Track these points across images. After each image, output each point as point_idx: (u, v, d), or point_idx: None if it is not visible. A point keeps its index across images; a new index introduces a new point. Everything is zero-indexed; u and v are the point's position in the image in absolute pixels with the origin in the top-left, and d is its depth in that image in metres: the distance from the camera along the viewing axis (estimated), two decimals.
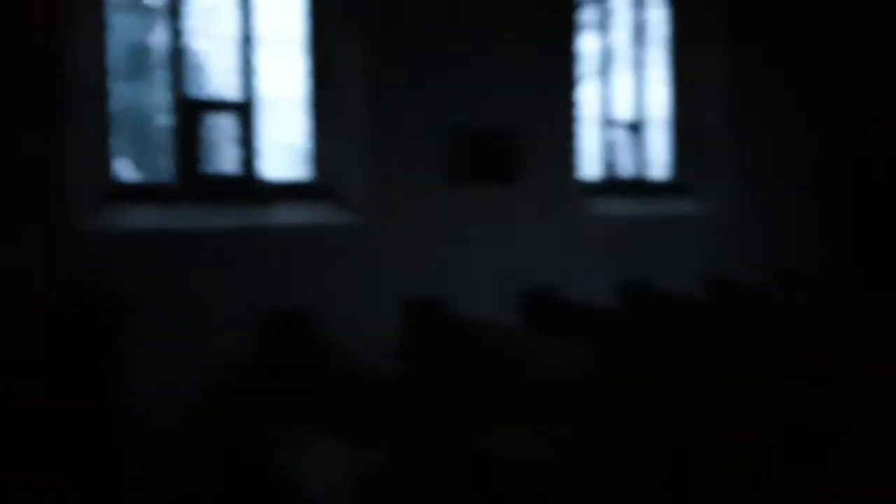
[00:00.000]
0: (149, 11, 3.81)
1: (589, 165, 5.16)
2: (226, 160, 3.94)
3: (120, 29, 3.67)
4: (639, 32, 5.43)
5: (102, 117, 3.62)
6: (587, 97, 5.09)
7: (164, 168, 3.84)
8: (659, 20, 5.54)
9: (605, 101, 5.26)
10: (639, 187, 5.41)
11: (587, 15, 5.13)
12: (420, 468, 3.18)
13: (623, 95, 5.37)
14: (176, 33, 3.77)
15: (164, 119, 3.83)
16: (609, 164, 5.31)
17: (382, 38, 4.06)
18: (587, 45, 5.12)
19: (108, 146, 3.65)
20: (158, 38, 3.80)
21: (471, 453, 3.34)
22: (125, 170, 3.79)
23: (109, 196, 3.62)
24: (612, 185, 5.29)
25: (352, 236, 4.01)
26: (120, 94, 3.69)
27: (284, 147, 4.16)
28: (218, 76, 3.94)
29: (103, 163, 3.63)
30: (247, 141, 3.94)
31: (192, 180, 3.82)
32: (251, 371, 3.66)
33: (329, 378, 3.73)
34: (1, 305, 3.05)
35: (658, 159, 5.58)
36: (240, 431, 3.58)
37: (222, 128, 3.91)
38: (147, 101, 3.81)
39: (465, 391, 3.75)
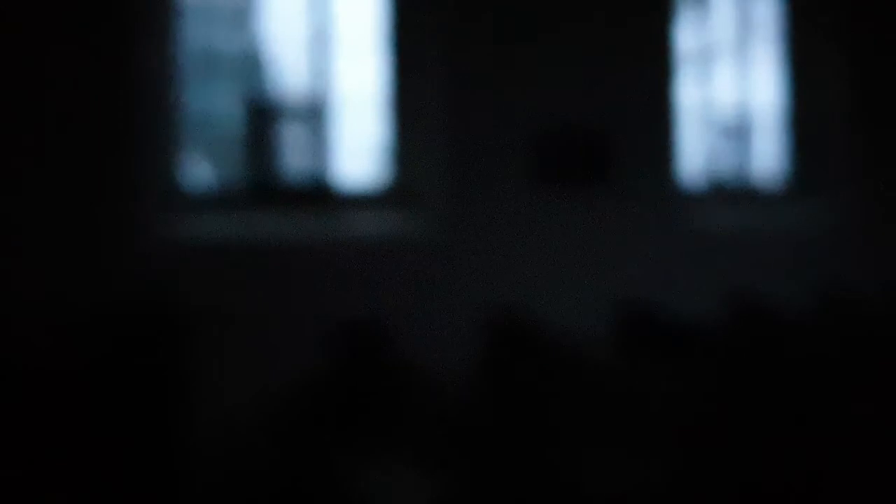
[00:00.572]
0: (221, 13, 3.79)
1: (690, 168, 4.81)
2: (300, 166, 3.86)
3: (190, 32, 3.66)
4: (744, 22, 5.08)
5: (173, 125, 3.60)
6: (687, 95, 4.77)
7: (236, 175, 3.79)
8: (768, 7, 5.15)
9: (708, 98, 4.93)
10: (746, 192, 5.05)
11: (687, 4, 4.82)
12: (500, 493, 3.01)
13: (727, 92, 5.03)
14: (248, 37, 3.73)
15: (235, 124, 3.78)
16: (712, 168, 4.97)
17: (463, 34, 3.93)
18: (687, 37, 4.79)
19: (178, 154, 3.62)
20: (231, 42, 3.78)
21: (553, 480, 3.13)
22: (196, 177, 3.77)
23: (180, 204, 3.59)
24: (717, 190, 4.96)
25: (429, 245, 3.86)
26: (190, 99, 3.67)
27: (359, 152, 4.05)
28: (292, 79, 3.87)
29: (173, 170, 3.61)
30: (320, 146, 3.85)
31: (265, 187, 3.75)
32: (321, 386, 3.55)
33: (403, 396, 3.59)
34: (70, 315, 3.03)
35: (767, 162, 5.20)
36: (309, 448, 3.47)
37: (295, 133, 3.84)
38: (218, 107, 3.79)
39: (550, 414, 3.56)
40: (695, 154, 4.88)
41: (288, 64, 3.88)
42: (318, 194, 3.84)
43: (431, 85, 3.93)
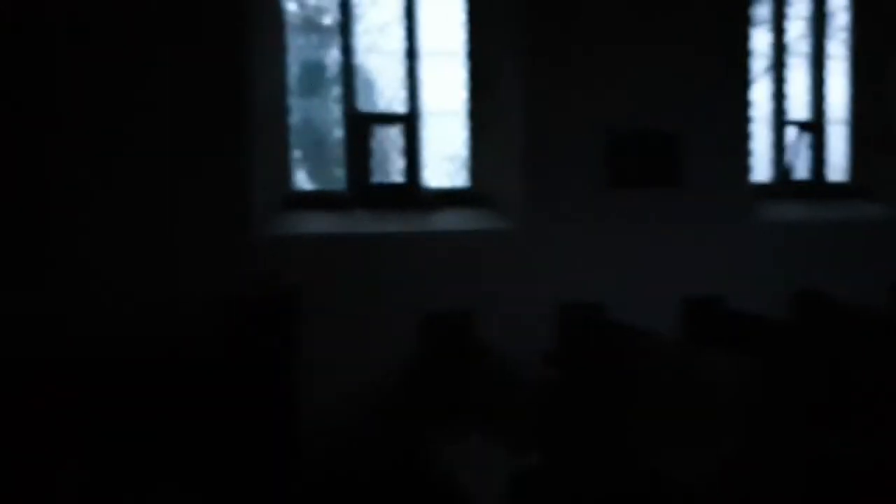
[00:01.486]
0: (323, 30, 4.10)
1: (761, 167, 4.88)
2: (392, 170, 4.14)
3: (297, 48, 3.99)
4: (817, 25, 5.06)
5: (282, 131, 3.95)
6: (759, 95, 4.82)
7: (337, 178, 4.10)
8: (839, 10, 5.13)
9: (779, 98, 4.95)
10: (815, 190, 5.04)
11: (761, 7, 4.85)
12: (574, 473, 3.17)
13: (798, 92, 5.02)
14: (347, 50, 4.03)
15: (336, 132, 4.09)
16: (783, 166, 4.99)
17: (538, 43, 4.07)
18: (760, 39, 4.83)
19: (287, 158, 3.97)
20: (331, 55, 4.08)
21: (626, 463, 3.28)
22: (301, 179, 4.10)
23: (287, 203, 3.94)
24: (787, 189, 4.98)
25: (508, 241, 4.07)
26: (297, 109, 4.00)
27: (445, 156, 4.30)
28: (386, 90, 4.16)
29: (283, 173, 3.96)
30: (411, 151, 4.12)
31: (362, 189, 4.06)
32: (413, 369, 3.82)
33: (486, 380, 3.81)
34: (191, 301, 3.40)
35: (837, 160, 5.18)
36: (401, 427, 3.75)
37: (389, 139, 4.11)
38: (321, 116, 4.10)
39: (622, 400, 3.68)
40: (767, 151, 4.91)
41: (382, 77, 4.16)
42: (409, 194, 4.13)
43: (509, 95, 4.14)
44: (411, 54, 4.14)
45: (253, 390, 3.19)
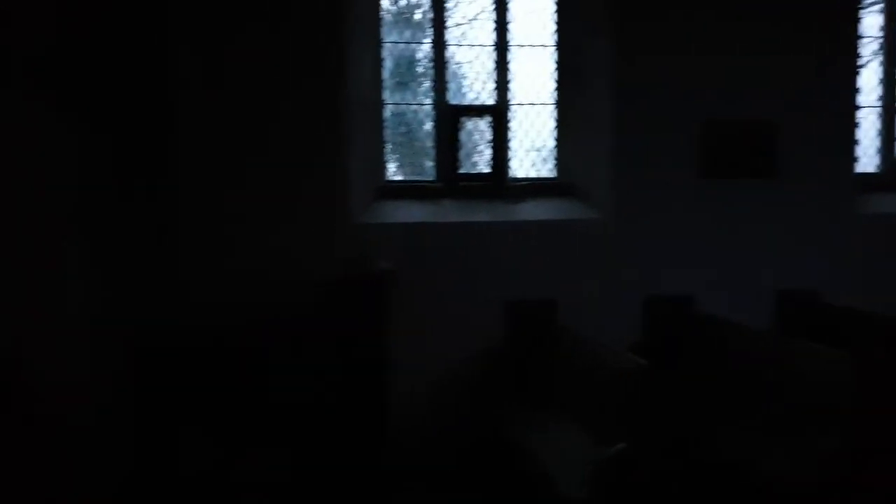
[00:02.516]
0: (414, 25, 4.23)
1: (868, 157, 4.65)
2: (481, 161, 4.23)
3: (390, 44, 4.13)
4: None
5: (377, 125, 4.11)
6: (865, 81, 4.59)
7: (427, 168, 4.23)
8: None
9: (889, 84, 4.67)
10: None
11: None
12: (659, 463, 3.17)
13: None
14: (438, 44, 4.14)
15: (426, 124, 4.22)
16: (892, 156, 4.73)
17: (628, 32, 4.04)
18: (870, 21, 4.59)
19: (381, 150, 4.13)
20: (423, 49, 4.21)
21: (715, 456, 3.24)
22: (393, 170, 4.25)
23: (381, 194, 4.10)
24: (892, 176, 4.72)
25: (595, 232, 4.07)
26: (389, 102, 4.15)
27: (532, 147, 4.35)
28: (476, 83, 4.24)
29: (377, 165, 4.12)
30: (499, 142, 4.19)
31: (450, 179, 4.17)
32: (498, 354, 3.91)
33: (570, 368, 3.84)
34: (294, 283, 3.62)
35: None
36: (485, 410, 3.84)
37: (478, 131, 4.20)
38: (411, 109, 4.23)
39: (712, 393, 3.63)
40: (872, 141, 4.67)
41: (471, 69, 4.25)
42: (496, 185, 4.21)
43: (599, 85, 4.12)
44: (501, 47, 4.20)
45: (348, 364, 3.37)
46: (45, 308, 2.91)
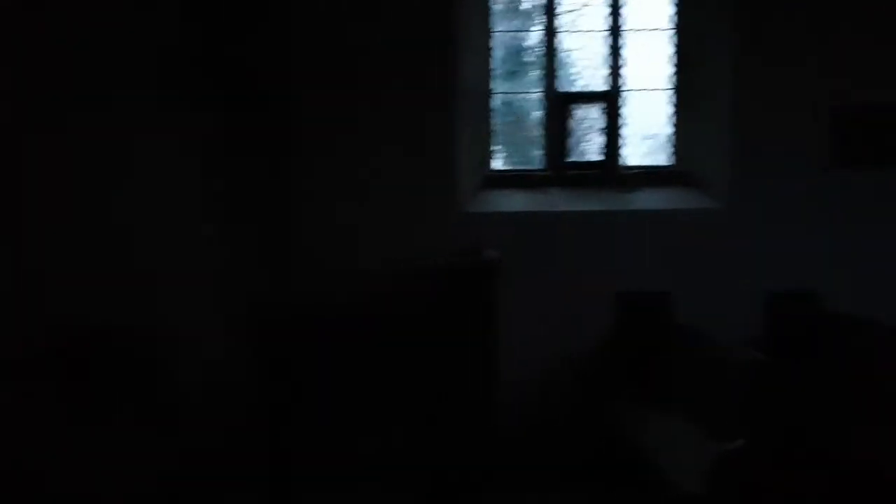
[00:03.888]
0: (525, 14, 4.20)
1: None
2: (591, 149, 4.14)
3: (500, 32, 4.12)
4: None
5: (486, 114, 4.10)
6: None
7: (535, 157, 4.19)
8: None
9: None
10: None
11: None
12: (779, 461, 3.01)
13: None
14: (549, 31, 4.08)
15: (533, 112, 4.17)
16: None
17: (749, 13, 3.84)
18: None
19: (489, 139, 4.12)
20: (533, 37, 4.17)
21: (835, 459, 3.04)
22: (502, 159, 4.23)
23: (488, 182, 4.09)
24: None
25: (712, 222, 3.90)
26: (497, 91, 4.14)
27: (646, 135, 4.22)
28: (586, 69, 4.16)
29: (485, 154, 4.12)
30: (611, 130, 4.09)
31: (559, 168, 4.10)
32: (607, 346, 3.81)
33: (684, 361, 3.70)
34: (402, 270, 3.67)
35: None
36: (594, 402, 3.76)
37: (588, 118, 4.12)
38: (520, 97, 4.20)
39: (837, 393, 3.42)
40: None
41: (580, 56, 4.18)
42: (607, 173, 4.11)
43: (718, 69, 3.96)
44: (615, 31, 4.10)
45: (456, 352, 3.39)
46: (177, 283, 3.09)
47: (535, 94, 4.16)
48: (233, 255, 3.44)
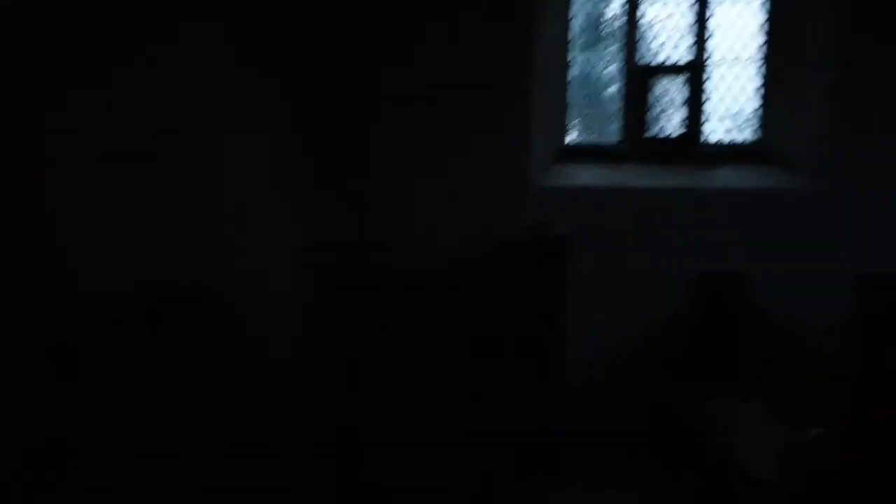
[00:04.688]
0: None
1: None
2: (672, 123, 4.00)
3: (580, 1, 4.01)
4: None
5: (562, 86, 4.01)
6: None
7: (613, 131, 4.08)
8: None
9: None
10: None
11: None
12: (862, 454, 2.89)
13: None
14: (631, 2, 3.94)
15: (613, 85, 4.05)
16: None
17: None
18: None
19: (564, 111, 4.03)
20: (614, 6, 4.03)
21: None
22: (577, 133, 4.13)
23: (562, 156, 4.01)
24: None
25: (800, 202, 3.73)
26: (574, 62, 4.04)
27: (730, 109, 4.04)
28: (669, 40, 4.00)
29: (560, 126, 4.03)
30: (694, 103, 3.94)
31: (638, 142, 3.98)
32: (682, 328, 3.71)
33: (764, 347, 3.59)
34: (476, 244, 3.66)
35: None
36: (665, 385, 3.68)
37: (670, 91, 3.98)
38: (598, 69, 4.08)
39: None
40: None
41: (661, 28, 4.01)
42: (688, 148, 3.96)
43: (815, 39, 3.75)
44: (701, 1, 3.92)
45: (525, 329, 3.38)
46: (258, 248, 3.19)
47: (615, 66, 4.03)
48: (314, 222, 3.53)
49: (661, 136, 4.01)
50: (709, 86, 3.98)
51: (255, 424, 3.04)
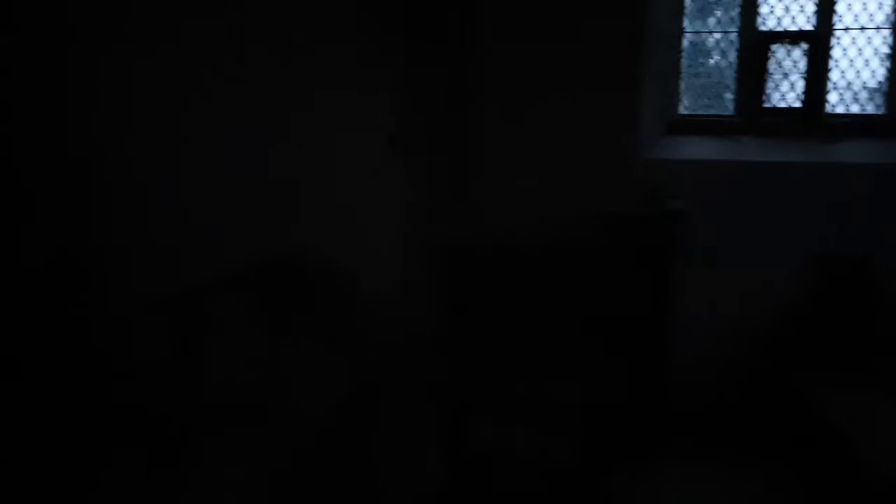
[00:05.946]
0: None
1: None
2: (790, 94, 3.79)
3: None
4: None
5: (674, 55, 3.85)
6: None
7: (726, 102, 3.89)
8: None
9: None
10: None
11: None
12: None
13: None
14: None
15: (730, 53, 3.86)
16: None
17: None
18: None
19: (676, 82, 3.87)
20: None
21: None
22: (690, 103, 3.96)
23: (674, 127, 3.86)
24: None
25: None
26: (690, 31, 3.86)
27: (858, 80, 3.80)
28: (791, 4, 3.78)
29: (671, 97, 3.88)
30: (816, 73, 3.72)
31: (754, 114, 3.80)
32: (799, 310, 3.55)
33: (890, 332, 3.39)
34: (583, 216, 3.56)
35: None
36: (780, 369, 3.53)
37: (789, 61, 3.76)
38: (714, 37, 3.89)
39: None
40: None
41: None
42: (809, 121, 3.75)
43: None
44: None
45: (633, 306, 3.27)
46: (365, 226, 3.20)
47: (731, 34, 3.84)
48: (419, 190, 3.50)
49: (779, 107, 3.80)
50: (834, 55, 3.76)
51: (365, 382, 3.06)
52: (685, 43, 3.89)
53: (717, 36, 3.90)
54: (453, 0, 3.61)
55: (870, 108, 3.81)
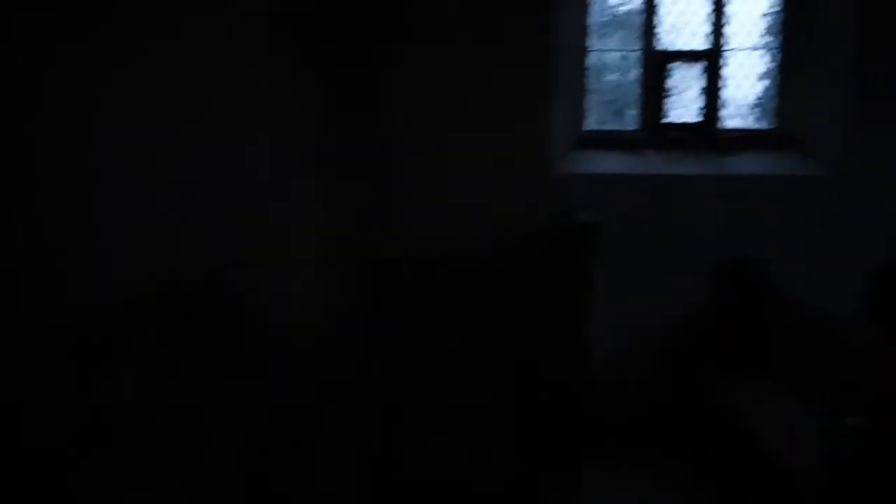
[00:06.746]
0: None
1: None
2: (688, 110, 3.99)
3: None
4: None
5: (581, 73, 3.97)
6: None
7: (629, 118, 4.05)
8: None
9: None
10: None
11: None
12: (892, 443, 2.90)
13: None
14: None
15: (632, 72, 4.02)
16: None
17: None
18: None
19: (583, 98, 3.99)
20: None
21: None
22: (595, 119, 4.09)
23: (581, 143, 3.98)
24: None
25: (818, 189, 3.76)
26: (595, 49, 4.00)
27: (745, 96, 4.04)
28: (686, 28, 3.99)
29: (578, 113, 3.99)
30: (711, 91, 3.94)
31: (655, 129, 3.97)
32: (703, 315, 3.71)
33: (787, 333, 3.59)
34: (496, 229, 3.61)
35: None
36: (689, 372, 3.68)
37: (686, 79, 3.96)
38: (617, 55, 4.05)
39: None
40: None
41: (681, 16, 3.99)
42: (705, 135, 3.96)
43: (831, 25, 3.77)
44: None
45: (548, 314, 3.34)
46: (278, 241, 3.13)
47: (633, 53, 4.01)
48: (334, 212, 3.46)
49: (680, 122, 3.99)
50: (726, 73, 3.98)
51: (282, 405, 3.00)
52: (592, 60, 4.02)
53: (616, 54, 4.06)
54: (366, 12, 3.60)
55: (751, 123, 4.04)
